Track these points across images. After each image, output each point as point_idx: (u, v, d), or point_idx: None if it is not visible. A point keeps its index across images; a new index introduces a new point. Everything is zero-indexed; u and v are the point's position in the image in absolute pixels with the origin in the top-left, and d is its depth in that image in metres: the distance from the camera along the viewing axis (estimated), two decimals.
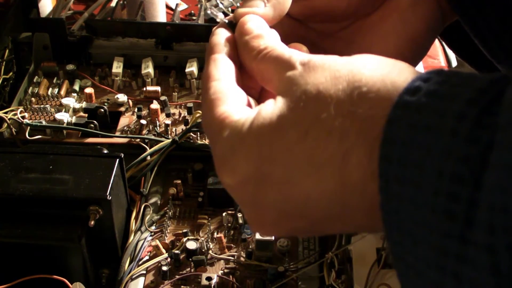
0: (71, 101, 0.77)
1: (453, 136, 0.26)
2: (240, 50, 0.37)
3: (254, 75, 0.37)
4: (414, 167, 0.27)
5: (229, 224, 0.65)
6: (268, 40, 0.36)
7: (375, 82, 0.30)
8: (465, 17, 0.43)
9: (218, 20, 0.43)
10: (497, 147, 0.25)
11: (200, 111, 0.73)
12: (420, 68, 0.75)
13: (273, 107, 0.33)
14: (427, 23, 0.44)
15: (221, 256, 0.62)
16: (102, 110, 0.75)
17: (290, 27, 0.43)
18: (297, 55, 0.34)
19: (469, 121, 0.26)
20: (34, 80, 0.82)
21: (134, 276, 0.60)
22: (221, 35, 0.38)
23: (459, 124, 0.27)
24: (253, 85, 0.38)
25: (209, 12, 0.95)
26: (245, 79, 0.38)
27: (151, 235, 0.64)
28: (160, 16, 0.92)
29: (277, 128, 0.32)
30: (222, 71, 0.36)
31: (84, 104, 0.77)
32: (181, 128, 0.75)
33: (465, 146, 0.26)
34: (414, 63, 0.45)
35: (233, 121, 0.33)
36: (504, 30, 0.42)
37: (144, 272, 0.61)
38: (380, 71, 0.31)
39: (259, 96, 0.39)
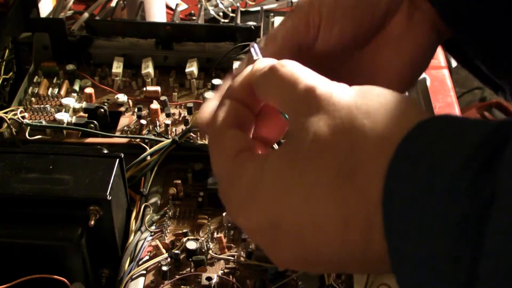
0: (71, 101, 0.77)
1: (451, 194, 0.27)
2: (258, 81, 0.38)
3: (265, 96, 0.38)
4: (415, 225, 0.28)
5: (229, 224, 0.65)
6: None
7: (374, 137, 0.31)
8: (464, 39, 0.44)
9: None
10: (496, 213, 0.25)
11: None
12: None
13: (280, 162, 0.34)
14: (422, 46, 0.44)
15: (221, 256, 0.62)
16: (102, 110, 0.75)
17: None
18: (308, 79, 0.35)
19: (468, 175, 0.27)
20: (34, 80, 0.82)
21: (134, 276, 0.60)
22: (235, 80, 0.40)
23: (457, 183, 0.27)
24: (270, 132, 0.40)
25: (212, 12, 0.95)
26: (261, 126, 0.40)
27: (151, 235, 0.64)
28: (160, 16, 0.92)
29: (283, 187, 0.33)
30: (235, 118, 0.38)
31: (84, 104, 0.77)
32: (181, 128, 0.75)
33: (464, 201, 0.26)
34: (415, 79, 0.46)
35: (249, 171, 0.35)
36: (503, 51, 0.43)
37: (144, 272, 0.61)
38: (381, 119, 0.31)
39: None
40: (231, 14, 0.96)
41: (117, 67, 0.82)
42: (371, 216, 0.30)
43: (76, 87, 0.81)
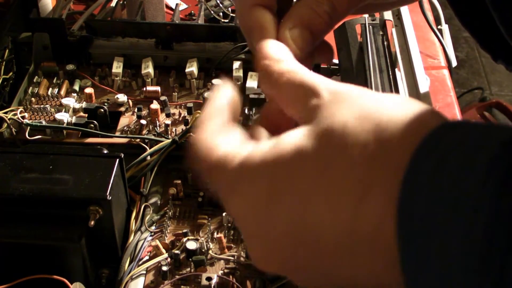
0: (71, 101, 0.77)
1: (479, 197, 0.25)
2: (260, 76, 0.36)
3: (276, 101, 0.36)
4: (437, 236, 0.26)
5: (229, 224, 0.65)
6: (289, 63, 0.36)
7: (400, 128, 0.30)
8: None
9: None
10: None
11: (200, 111, 0.73)
12: (420, 68, 0.75)
13: (295, 137, 0.32)
14: None
15: (221, 256, 0.62)
16: (102, 110, 0.75)
17: None
18: (322, 81, 0.34)
19: (495, 180, 0.25)
20: (34, 80, 0.82)
21: (134, 276, 0.60)
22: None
23: (485, 182, 0.25)
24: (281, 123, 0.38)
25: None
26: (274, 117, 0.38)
27: (151, 235, 0.64)
28: (160, 16, 0.92)
29: (296, 156, 0.31)
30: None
31: (84, 104, 0.77)
32: (181, 128, 0.75)
33: (494, 207, 0.25)
34: None
35: (251, 146, 0.33)
36: None
37: (144, 272, 0.61)
38: (406, 115, 0.30)
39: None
40: (231, 14, 0.96)
41: (117, 67, 0.82)
42: (391, 192, 0.28)
43: (76, 87, 0.81)
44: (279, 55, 0.36)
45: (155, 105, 0.76)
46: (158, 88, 0.80)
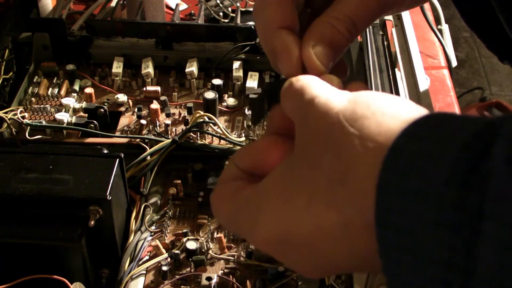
0: (71, 101, 0.77)
1: (441, 203, 0.26)
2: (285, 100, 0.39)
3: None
4: (409, 235, 0.27)
5: None
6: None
7: (363, 142, 0.31)
8: None
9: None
10: (488, 219, 0.25)
11: (200, 111, 0.73)
12: (420, 68, 0.75)
13: (280, 172, 0.35)
14: None
15: (221, 256, 0.62)
16: (102, 110, 0.75)
17: None
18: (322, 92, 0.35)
19: (455, 185, 0.26)
20: (34, 80, 0.82)
21: (134, 276, 0.60)
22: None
23: (445, 189, 0.26)
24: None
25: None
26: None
27: (151, 235, 0.64)
28: (160, 16, 0.92)
29: (284, 199, 0.34)
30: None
31: (84, 104, 0.77)
32: (181, 128, 0.75)
33: (453, 213, 0.26)
34: None
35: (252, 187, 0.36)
36: None
37: (144, 272, 0.61)
38: (369, 125, 0.31)
39: None
40: (231, 14, 0.96)
41: (117, 67, 0.82)
42: (367, 216, 0.30)
43: (76, 87, 0.81)
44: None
45: (155, 105, 0.76)
46: (158, 88, 0.80)
